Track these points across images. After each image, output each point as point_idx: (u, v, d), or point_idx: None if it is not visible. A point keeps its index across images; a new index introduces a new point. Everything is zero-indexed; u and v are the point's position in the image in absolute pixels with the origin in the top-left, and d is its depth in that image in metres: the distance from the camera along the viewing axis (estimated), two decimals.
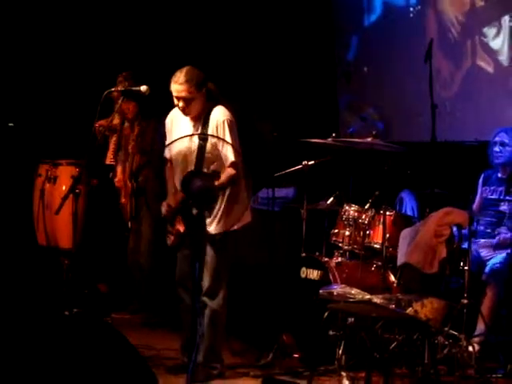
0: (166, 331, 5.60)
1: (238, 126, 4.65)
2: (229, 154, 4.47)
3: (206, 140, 4.46)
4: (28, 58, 6.97)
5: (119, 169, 6.18)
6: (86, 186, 6.08)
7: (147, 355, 4.93)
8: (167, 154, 4.56)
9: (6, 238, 6.47)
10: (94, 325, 2.94)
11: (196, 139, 4.46)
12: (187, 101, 4.52)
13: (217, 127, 4.55)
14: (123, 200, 6.14)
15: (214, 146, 4.50)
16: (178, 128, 4.67)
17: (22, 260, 6.45)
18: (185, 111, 4.57)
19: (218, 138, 4.46)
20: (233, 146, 4.48)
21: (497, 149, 5.39)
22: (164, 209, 4.54)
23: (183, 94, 4.50)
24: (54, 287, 6.10)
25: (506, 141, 5.37)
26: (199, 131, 4.57)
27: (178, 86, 4.50)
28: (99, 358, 2.82)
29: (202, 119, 4.60)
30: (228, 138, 4.51)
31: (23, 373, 2.75)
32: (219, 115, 4.58)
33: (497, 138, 5.41)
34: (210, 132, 4.55)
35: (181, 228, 4.42)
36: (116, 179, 6.17)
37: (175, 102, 4.57)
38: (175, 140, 4.39)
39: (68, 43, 7.11)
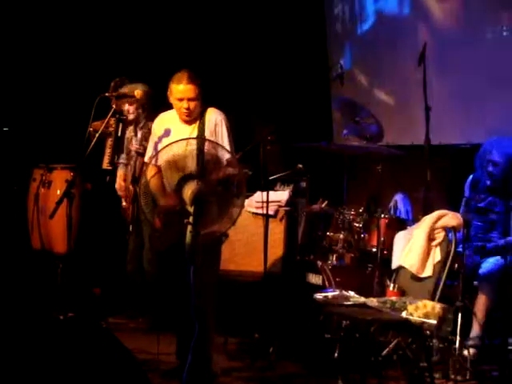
0: (162, 336, 5.59)
1: (234, 129, 4.61)
2: (226, 154, 4.31)
3: (204, 142, 4.32)
4: (23, 63, 6.96)
5: (119, 173, 6.09)
6: (80, 190, 6.06)
7: (142, 359, 4.93)
8: (159, 160, 4.28)
9: (0, 242, 6.46)
10: (88, 329, 2.94)
11: (194, 142, 4.30)
12: (193, 101, 4.47)
13: (215, 126, 4.51)
14: (124, 204, 6.07)
15: (213, 147, 4.29)
16: (173, 132, 4.56)
17: (16, 264, 6.44)
18: (190, 113, 4.49)
19: (214, 141, 4.36)
20: (230, 145, 4.47)
21: (490, 169, 5.35)
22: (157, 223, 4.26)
23: (190, 95, 4.44)
24: (48, 291, 6.09)
25: (497, 159, 5.32)
26: (196, 133, 4.49)
27: (183, 86, 4.44)
28: (94, 363, 2.82)
29: (197, 121, 4.54)
30: (225, 138, 4.49)
31: (17, 377, 2.74)
32: (215, 115, 4.55)
33: (490, 157, 5.35)
34: (207, 132, 4.49)
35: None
36: (116, 185, 6.09)
37: (178, 104, 4.49)
38: (170, 143, 4.20)
39: (62, 47, 7.11)
